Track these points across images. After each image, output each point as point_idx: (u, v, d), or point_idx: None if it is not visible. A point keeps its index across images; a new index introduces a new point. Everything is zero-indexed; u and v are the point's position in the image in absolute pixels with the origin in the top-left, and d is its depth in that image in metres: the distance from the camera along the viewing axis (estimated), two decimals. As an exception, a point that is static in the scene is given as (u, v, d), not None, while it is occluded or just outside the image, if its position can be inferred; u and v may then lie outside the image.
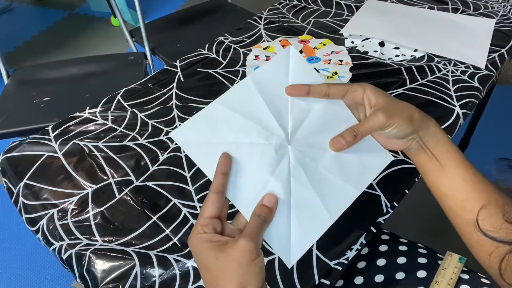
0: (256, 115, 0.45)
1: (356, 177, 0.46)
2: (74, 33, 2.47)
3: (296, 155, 0.44)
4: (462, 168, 0.45)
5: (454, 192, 0.45)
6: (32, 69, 1.30)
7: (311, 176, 0.44)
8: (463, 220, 0.44)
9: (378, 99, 0.45)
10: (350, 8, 1.05)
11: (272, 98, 0.46)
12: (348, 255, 0.52)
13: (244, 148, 0.43)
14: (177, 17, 1.55)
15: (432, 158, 0.46)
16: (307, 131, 0.46)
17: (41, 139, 0.69)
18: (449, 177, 0.45)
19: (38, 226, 0.56)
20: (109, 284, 0.49)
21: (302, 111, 0.46)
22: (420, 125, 0.45)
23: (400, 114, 0.44)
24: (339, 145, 0.44)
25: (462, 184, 0.44)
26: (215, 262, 0.37)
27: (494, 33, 0.91)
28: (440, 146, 0.46)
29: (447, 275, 0.50)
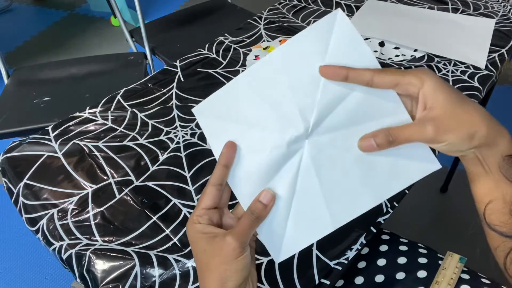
0: (277, 99, 0.39)
1: (380, 184, 0.39)
2: (74, 33, 2.47)
3: (311, 153, 0.39)
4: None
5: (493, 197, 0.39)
6: (32, 69, 1.30)
7: (323, 178, 0.39)
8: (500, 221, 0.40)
9: (437, 101, 0.35)
10: (350, 8, 1.05)
11: (301, 78, 0.38)
12: (348, 255, 0.52)
13: (255, 137, 0.39)
14: (177, 17, 1.55)
15: (489, 174, 0.38)
16: (334, 124, 0.38)
17: (41, 139, 0.69)
18: (504, 194, 0.39)
19: (38, 226, 0.56)
20: (109, 284, 0.49)
21: (335, 97, 0.38)
22: (483, 143, 0.36)
23: (458, 131, 0.35)
24: (368, 145, 0.37)
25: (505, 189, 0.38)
26: (203, 253, 0.38)
27: (494, 33, 0.91)
28: (496, 158, 0.38)
29: (448, 275, 0.50)
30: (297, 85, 0.38)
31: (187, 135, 0.69)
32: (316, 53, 0.38)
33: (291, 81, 0.38)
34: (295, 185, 0.40)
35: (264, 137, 0.39)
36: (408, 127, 0.37)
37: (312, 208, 0.40)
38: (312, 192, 0.40)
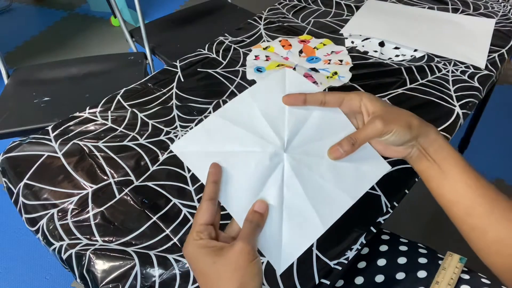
0: (253, 125, 0.46)
1: (351, 186, 0.45)
2: (74, 33, 2.47)
3: (291, 163, 0.45)
4: (464, 174, 0.45)
5: (458, 198, 0.45)
6: (32, 69, 1.30)
7: (306, 184, 0.44)
8: (469, 226, 0.44)
9: (375, 106, 0.45)
10: (350, 8, 1.05)
11: (268, 109, 0.47)
12: (348, 255, 0.52)
13: (239, 156, 0.44)
14: (177, 17, 1.55)
15: (434, 164, 0.45)
16: (304, 139, 0.46)
17: (41, 139, 0.69)
18: (452, 183, 0.45)
19: (38, 226, 0.56)
20: (109, 284, 0.49)
21: (299, 120, 0.47)
22: (419, 132, 0.45)
23: (398, 121, 0.44)
24: (338, 153, 0.45)
25: (465, 189, 0.44)
26: (213, 267, 0.37)
27: (494, 33, 0.91)
28: (441, 152, 0.45)
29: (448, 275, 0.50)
30: (267, 114, 0.47)
31: (187, 135, 0.69)
32: (278, 91, 0.48)
33: (262, 112, 0.47)
34: (282, 194, 0.43)
35: (248, 154, 0.45)
36: (363, 128, 0.45)
37: (301, 213, 0.43)
38: (299, 198, 0.44)
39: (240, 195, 0.43)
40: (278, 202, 0.43)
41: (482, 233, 0.43)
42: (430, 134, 0.46)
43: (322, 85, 0.79)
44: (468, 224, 0.44)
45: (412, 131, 0.44)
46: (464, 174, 0.44)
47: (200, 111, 0.74)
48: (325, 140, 0.46)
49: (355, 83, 0.79)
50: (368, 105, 0.45)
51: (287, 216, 0.43)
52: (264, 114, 0.47)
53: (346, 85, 0.79)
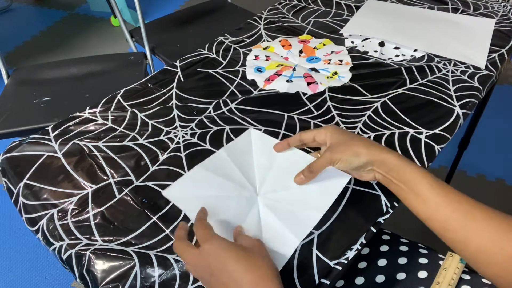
0: (231, 176, 0.58)
1: (318, 202, 0.53)
2: (74, 33, 2.47)
3: (264, 202, 0.55)
4: (434, 190, 0.47)
5: (431, 214, 0.47)
6: (32, 69, 1.30)
7: (278, 213, 0.54)
8: (448, 240, 0.46)
9: (332, 139, 0.54)
10: (350, 8, 1.05)
11: (241, 163, 0.60)
12: (348, 255, 0.52)
13: (221, 200, 0.54)
14: (177, 17, 1.55)
15: (402, 187, 0.49)
16: (271, 181, 0.58)
17: (41, 139, 0.69)
18: (424, 201, 0.47)
19: (38, 226, 0.56)
20: (109, 284, 0.49)
21: (265, 169, 0.59)
22: (370, 160, 0.50)
23: (345, 152, 0.51)
24: (300, 180, 0.55)
25: (438, 205, 0.46)
26: (238, 261, 0.43)
27: (494, 33, 0.91)
28: (405, 175, 0.49)
29: (448, 276, 0.50)
30: (241, 168, 0.59)
31: (187, 135, 0.69)
32: (246, 149, 0.63)
33: (236, 165, 0.60)
34: (260, 226, 0.53)
35: (229, 197, 0.55)
36: (317, 159, 0.54)
37: (278, 236, 0.51)
38: (274, 225, 0.53)
39: (226, 230, 0.51)
40: (257, 230, 0.52)
41: (462, 245, 0.45)
42: (386, 161, 0.50)
43: (322, 85, 0.79)
44: (447, 238, 0.46)
45: (360, 159, 0.51)
46: (434, 191, 0.47)
47: (200, 111, 0.74)
48: (290, 174, 0.56)
49: (355, 83, 0.79)
50: (328, 138, 0.54)
51: (267, 242, 0.50)
52: (238, 167, 0.59)
53: (346, 85, 0.79)
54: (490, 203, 0.44)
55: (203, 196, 0.55)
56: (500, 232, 0.42)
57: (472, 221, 0.44)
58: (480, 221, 0.43)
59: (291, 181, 0.56)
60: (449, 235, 0.45)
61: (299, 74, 0.82)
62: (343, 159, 0.51)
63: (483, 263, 0.43)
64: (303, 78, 0.81)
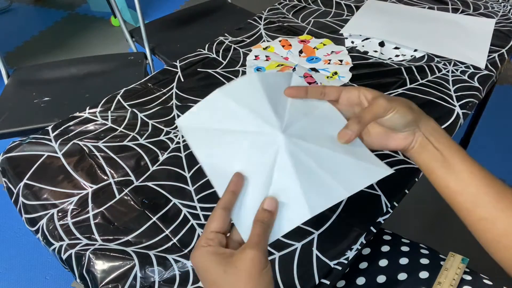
0: (255, 107, 0.46)
1: (348, 179, 0.44)
2: (74, 33, 2.47)
3: (286, 144, 0.43)
4: (468, 163, 0.44)
5: (463, 187, 0.44)
6: (32, 69, 1.30)
7: (299, 167, 0.42)
8: (476, 217, 0.43)
9: (374, 93, 0.45)
10: (350, 8, 1.05)
11: (273, 95, 0.47)
12: (348, 255, 0.51)
13: (235, 135, 0.44)
14: (177, 17, 1.55)
15: (437, 153, 0.45)
16: (304, 127, 0.46)
17: (41, 139, 0.69)
18: (457, 173, 0.44)
19: (38, 226, 0.56)
20: (108, 284, 0.49)
21: (300, 111, 0.47)
22: (419, 117, 0.45)
23: (400, 101, 0.45)
24: (346, 135, 0.44)
25: (471, 178, 0.43)
26: (224, 276, 0.36)
27: (494, 33, 0.91)
28: (444, 141, 0.45)
29: (450, 276, 0.50)
30: (271, 100, 0.46)
31: (187, 135, 0.69)
32: (283, 84, 0.49)
33: (267, 97, 0.46)
34: (271, 175, 0.42)
35: (244, 135, 0.45)
36: (368, 107, 0.45)
37: (288, 195, 0.41)
38: (289, 182, 0.42)
39: (229, 175, 0.42)
40: (265, 182, 0.42)
41: (490, 224, 0.42)
42: (430, 122, 0.46)
43: (322, 85, 0.79)
44: (474, 215, 0.43)
45: (413, 112, 0.45)
46: (468, 163, 0.44)
47: (200, 111, 0.74)
48: (325, 131, 0.46)
49: (355, 83, 0.79)
50: (366, 94, 0.46)
51: (273, 195, 0.41)
52: (268, 98, 0.46)
53: (346, 85, 0.79)
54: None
55: (216, 129, 0.45)
56: None
57: (504, 199, 0.42)
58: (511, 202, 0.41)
59: (325, 140, 0.45)
60: (478, 211, 0.43)
61: (299, 74, 0.82)
62: (399, 109, 0.44)
63: (505, 248, 0.41)
64: (303, 78, 0.81)
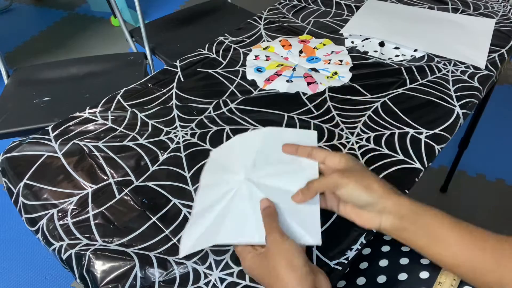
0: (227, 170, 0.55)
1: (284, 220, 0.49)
2: (74, 33, 2.47)
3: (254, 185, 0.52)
4: (455, 232, 0.43)
5: (459, 261, 0.44)
6: (32, 69, 1.30)
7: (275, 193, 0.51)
8: (484, 283, 0.43)
9: (345, 165, 0.49)
10: (350, 8, 1.05)
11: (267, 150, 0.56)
12: (348, 255, 0.52)
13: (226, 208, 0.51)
14: (177, 17, 1.55)
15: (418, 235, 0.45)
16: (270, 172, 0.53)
17: (41, 139, 0.69)
18: (447, 248, 0.44)
19: (38, 226, 0.56)
20: (108, 284, 0.49)
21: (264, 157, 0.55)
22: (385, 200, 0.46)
23: (357, 180, 0.46)
24: (297, 199, 0.49)
25: (463, 251, 0.43)
26: (262, 267, 0.44)
27: (494, 33, 0.91)
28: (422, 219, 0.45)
29: (450, 276, 0.50)
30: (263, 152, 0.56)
31: (187, 135, 0.69)
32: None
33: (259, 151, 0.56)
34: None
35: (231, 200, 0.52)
36: (321, 178, 0.50)
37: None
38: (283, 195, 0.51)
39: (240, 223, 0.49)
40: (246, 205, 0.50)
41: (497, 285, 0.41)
42: (402, 203, 0.46)
43: (322, 85, 0.79)
44: (481, 283, 0.43)
45: (371, 194, 0.46)
46: (454, 233, 0.43)
47: (200, 111, 0.74)
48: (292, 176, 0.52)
49: (355, 83, 0.79)
50: (341, 163, 0.49)
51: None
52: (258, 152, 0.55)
53: (346, 85, 0.79)
54: (490, 203, 0.43)
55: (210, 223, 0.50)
56: None
57: (504, 258, 0.41)
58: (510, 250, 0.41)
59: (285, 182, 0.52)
60: (483, 278, 0.42)
61: (299, 74, 0.82)
62: (351, 187, 0.46)
63: None
64: (303, 78, 0.81)
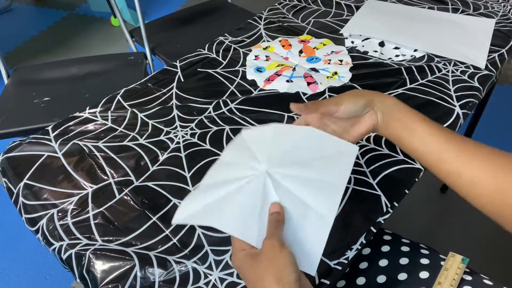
0: (236, 164, 0.48)
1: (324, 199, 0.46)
2: (74, 33, 2.47)
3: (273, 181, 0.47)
4: (427, 126, 0.49)
5: (427, 148, 0.49)
6: (32, 69, 1.30)
7: (292, 195, 0.47)
8: (444, 173, 0.48)
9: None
10: (350, 8, 1.05)
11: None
12: (348, 255, 0.52)
13: (234, 193, 0.46)
14: (177, 17, 1.55)
15: (398, 123, 0.51)
16: (288, 159, 0.48)
17: (41, 139, 0.69)
18: (420, 137, 0.49)
19: (38, 226, 0.56)
20: (108, 284, 0.49)
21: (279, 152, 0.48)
22: (373, 98, 0.51)
23: (349, 94, 0.52)
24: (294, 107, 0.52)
25: (431, 139, 0.48)
26: (251, 269, 0.41)
27: (494, 33, 0.91)
28: (402, 111, 0.51)
29: (450, 276, 0.50)
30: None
31: (187, 135, 0.69)
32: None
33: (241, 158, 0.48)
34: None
35: (240, 190, 0.46)
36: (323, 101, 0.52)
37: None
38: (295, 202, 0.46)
39: (247, 223, 0.45)
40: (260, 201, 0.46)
41: (457, 177, 0.46)
42: (386, 99, 0.52)
43: (322, 85, 0.79)
44: (443, 171, 0.48)
45: (364, 96, 0.52)
46: (427, 126, 0.49)
47: (200, 111, 0.74)
48: (310, 155, 0.48)
49: (355, 83, 0.79)
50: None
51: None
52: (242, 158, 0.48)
53: (346, 85, 0.79)
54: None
55: (214, 200, 0.46)
56: (491, 162, 0.44)
57: (465, 152, 0.46)
58: (473, 151, 0.46)
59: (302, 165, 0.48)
60: (444, 167, 0.47)
61: (299, 74, 0.82)
62: (348, 99, 0.51)
63: (475, 194, 0.45)
64: (303, 78, 0.81)
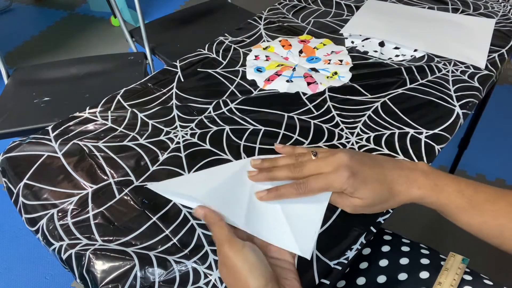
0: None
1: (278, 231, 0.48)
2: (74, 33, 2.47)
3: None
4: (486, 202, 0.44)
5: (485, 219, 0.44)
6: (32, 69, 1.30)
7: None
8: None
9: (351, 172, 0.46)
10: (350, 8, 1.05)
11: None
12: (348, 255, 0.51)
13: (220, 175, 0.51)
14: (177, 17, 1.55)
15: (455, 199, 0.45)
16: None
17: (41, 139, 0.69)
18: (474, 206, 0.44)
19: (38, 226, 0.56)
20: (108, 284, 0.49)
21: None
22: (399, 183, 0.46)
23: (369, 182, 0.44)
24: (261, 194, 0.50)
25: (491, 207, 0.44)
26: (228, 281, 0.43)
27: (494, 33, 0.91)
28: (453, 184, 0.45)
29: (450, 276, 0.50)
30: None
31: (187, 135, 0.69)
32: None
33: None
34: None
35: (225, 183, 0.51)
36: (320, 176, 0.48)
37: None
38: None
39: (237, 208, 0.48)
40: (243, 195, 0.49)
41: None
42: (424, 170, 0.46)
43: (322, 85, 0.79)
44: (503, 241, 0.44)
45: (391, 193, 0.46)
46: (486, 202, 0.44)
47: (200, 111, 0.74)
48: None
49: (355, 83, 0.79)
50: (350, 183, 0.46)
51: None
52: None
53: (346, 85, 0.79)
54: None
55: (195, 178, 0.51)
56: None
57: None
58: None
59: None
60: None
61: (299, 74, 0.82)
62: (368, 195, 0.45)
63: None
64: (303, 78, 0.81)
